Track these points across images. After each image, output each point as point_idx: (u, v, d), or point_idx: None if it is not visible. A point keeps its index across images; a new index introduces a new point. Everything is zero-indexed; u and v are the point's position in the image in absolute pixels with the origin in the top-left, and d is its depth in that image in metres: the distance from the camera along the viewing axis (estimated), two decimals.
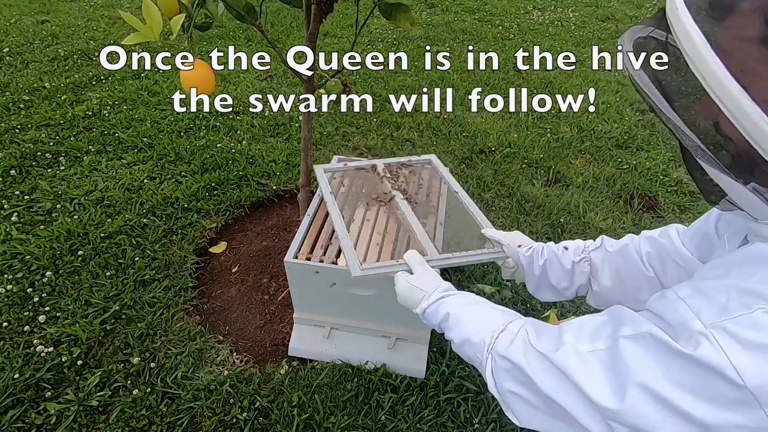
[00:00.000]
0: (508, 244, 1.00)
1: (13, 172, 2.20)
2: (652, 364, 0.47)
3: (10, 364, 1.45)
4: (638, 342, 0.49)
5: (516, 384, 0.63)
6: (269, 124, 2.67)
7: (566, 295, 0.95)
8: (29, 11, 3.96)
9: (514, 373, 0.63)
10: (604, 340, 0.53)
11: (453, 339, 0.77)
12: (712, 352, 0.42)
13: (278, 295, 1.75)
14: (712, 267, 0.55)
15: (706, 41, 0.44)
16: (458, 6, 4.54)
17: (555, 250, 0.94)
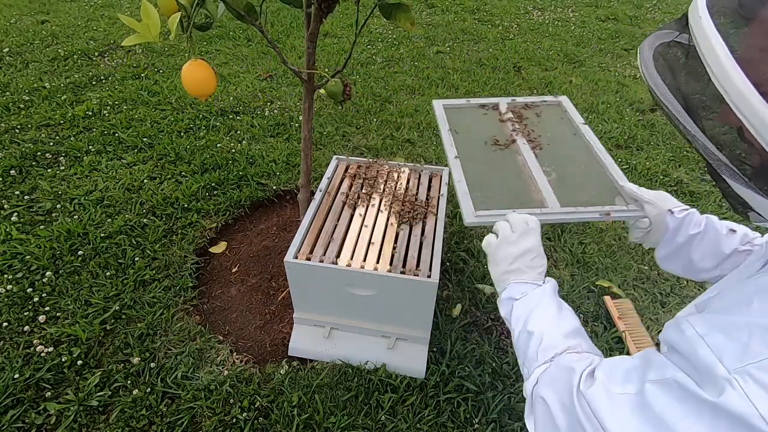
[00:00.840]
0: (654, 204, 0.89)
1: (13, 172, 2.20)
2: (677, 411, 0.45)
3: (10, 364, 1.45)
4: (664, 388, 0.47)
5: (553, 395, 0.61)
6: (269, 124, 2.67)
7: (696, 276, 0.87)
8: (29, 11, 3.96)
9: (558, 386, 0.61)
10: (634, 384, 0.51)
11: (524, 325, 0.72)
12: (738, 399, 0.40)
13: (278, 295, 1.75)
14: (729, 292, 0.52)
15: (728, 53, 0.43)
16: (458, 6, 4.54)
17: (718, 228, 0.83)
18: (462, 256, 1.88)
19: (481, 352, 1.54)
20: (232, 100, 2.86)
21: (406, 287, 1.31)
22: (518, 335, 0.73)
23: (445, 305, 1.69)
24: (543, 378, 0.64)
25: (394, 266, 1.34)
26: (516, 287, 0.78)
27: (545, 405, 0.61)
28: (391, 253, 1.38)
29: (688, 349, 0.47)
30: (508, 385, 1.47)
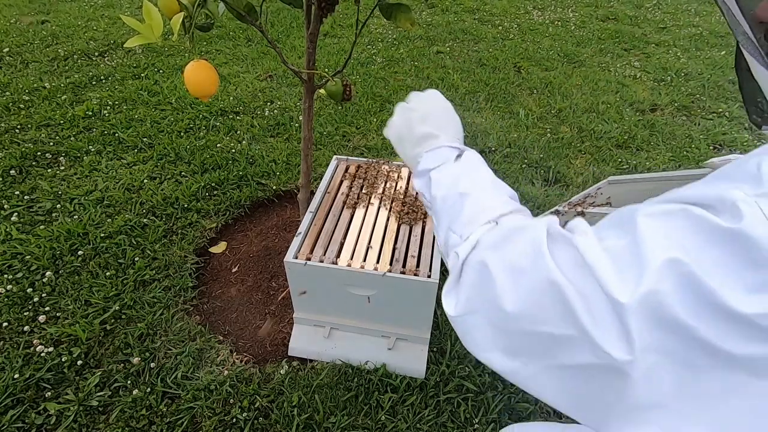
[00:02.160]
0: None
1: (13, 172, 2.20)
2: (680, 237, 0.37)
3: (10, 364, 1.45)
4: (664, 218, 0.38)
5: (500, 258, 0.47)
6: (269, 124, 2.67)
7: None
8: (29, 11, 3.96)
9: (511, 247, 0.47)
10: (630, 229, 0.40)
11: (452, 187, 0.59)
12: (760, 224, 0.33)
13: (278, 295, 1.75)
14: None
15: None
16: (458, 6, 4.54)
17: None
18: None
19: None
20: (232, 100, 2.86)
21: (406, 287, 1.31)
22: (442, 198, 0.59)
23: None
24: (485, 239, 0.51)
25: (394, 266, 1.34)
26: (432, 156, 0.64)
27: (483, 271, 0.48)
28: (391, 253, 1.38)
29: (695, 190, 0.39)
30: (508, 385, 1.47)
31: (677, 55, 3.68)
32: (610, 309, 0.38)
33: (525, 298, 0.44)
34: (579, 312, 0.40)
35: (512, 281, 0.45)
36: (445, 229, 0.56)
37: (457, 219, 0.55)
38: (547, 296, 0.42)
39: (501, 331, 0.46)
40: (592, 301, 0.40)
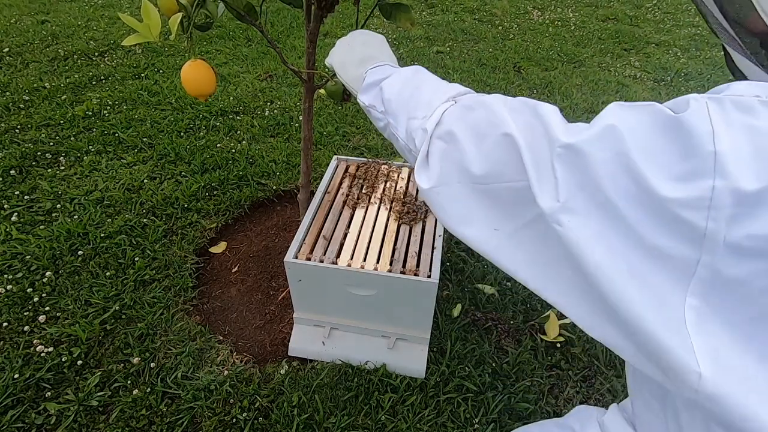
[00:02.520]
0: None
1: (13, 172, 2.20)
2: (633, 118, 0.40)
3: (10, 364, 1.45)
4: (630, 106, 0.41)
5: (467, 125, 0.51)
6: (269, 124, 2.67)
7: None
8: (29, 11, 3.96)
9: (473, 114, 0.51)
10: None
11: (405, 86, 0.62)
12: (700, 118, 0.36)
13: (278, 295, 1.75)
14: None
15: None
16: (458, 6, 4.54)
17: None
18: (462, 256, 1.88)
19: (481, 352, 1.54)
20: (232, 100, 2.86)
21: (406, 287, 1.31)
22: (398, 96, 0.61)
23: (445, 305, 1.69)
24: (449, 113, 0.54)
25: (394, 266, 1.34)
26: (378, 70, 0.67)
27: (451, 140, 0.51)
28: (391, 253, 1.38)
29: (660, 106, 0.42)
30: (508, 385, 1.47)
31: (677, 55, 3.68)
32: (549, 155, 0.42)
33: (488, 157, 0.47)
34: (526, 158, 0.43)
35: (476, 145, 0.48)
36: (405, 121, 0.59)
37: (416, 106, 0.58)
38: (504, 150, 0.45)
39: (472, 195, 0.49)
40: (537, 147, 0.43)
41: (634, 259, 0.38)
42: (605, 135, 0.40)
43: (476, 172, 0.48)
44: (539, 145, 0.43)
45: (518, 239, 0.46)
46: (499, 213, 0.47)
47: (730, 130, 0.34)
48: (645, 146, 0.38)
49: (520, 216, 0.45)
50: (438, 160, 0.52)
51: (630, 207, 0.37)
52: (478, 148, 0.48)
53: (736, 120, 0.35)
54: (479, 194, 0.48)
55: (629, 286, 0.38)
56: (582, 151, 0.40)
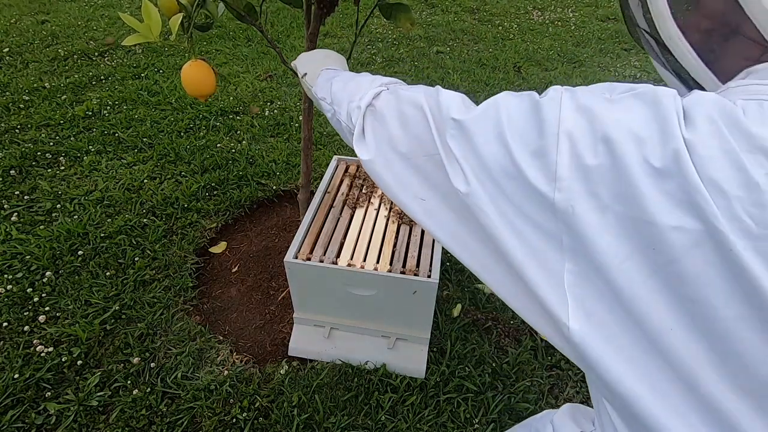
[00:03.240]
0: None
1: (13, 172, 2.20)
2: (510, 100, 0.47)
3: (10, 364, 1.45)
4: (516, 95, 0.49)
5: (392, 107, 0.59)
6: (269, 124, 2.67)
7: None
8: (29, 11, 3.96)
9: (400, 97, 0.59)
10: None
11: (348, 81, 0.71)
12: (551, 103, 0.43)
13: (278, 295, 1.75)
14: None
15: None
16: (458, 6, 4.54)
17: None
18: None
19: (481, 352, 1.54)
20: (232, 100, 2.86)
21: (406, 287, 1.31)
22: (342, 87, 0.70)
23: (445, 305, 1.69)
24: (382, 96, 0.61)
25: (394, 266, 1.34)
26: (331, 71, 0.78)
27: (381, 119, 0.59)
28: (391, 253, 1.38)
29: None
30: (508, 385, 1.47)
31: None
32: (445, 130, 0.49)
33: (409, 133, 0.54)
34: (434, 133, 0.51)
35: (400, 121, 0.56)
36: (346, 105, 0.66)
37: (355, 92, 0.65)
38: (421, 126, 0.53)
39: (401, 167, 0.55)
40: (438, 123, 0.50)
41: (520, 224, 0.43)
42: (487, 113, 0.46)
43: (401, 147, 0.55)
44: (439, 121, 0.50)
45: (441, 208, 0.52)
46: (424, 183, 0.53)
47: (575, 115, 0.40)
48: (516, 125, 0.44)
49: (441, 185, 0.51)
50: (372, 135, 0.59)
51: (506, 179, 0.43)
52: (401, 125, 0.55)
53: (582, 106, 0.41)
54: (406, 166, 0.55)
55: (520, 250, 0.43)
56: (467, 127, 0.47)
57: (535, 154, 0.42)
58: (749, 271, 0.35)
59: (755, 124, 0.36)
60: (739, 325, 0.36)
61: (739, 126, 0.37)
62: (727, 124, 0.37)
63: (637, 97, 0.40)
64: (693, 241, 0.36)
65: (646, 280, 0.38)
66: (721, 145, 0.36)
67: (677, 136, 0.37)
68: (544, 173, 0.41)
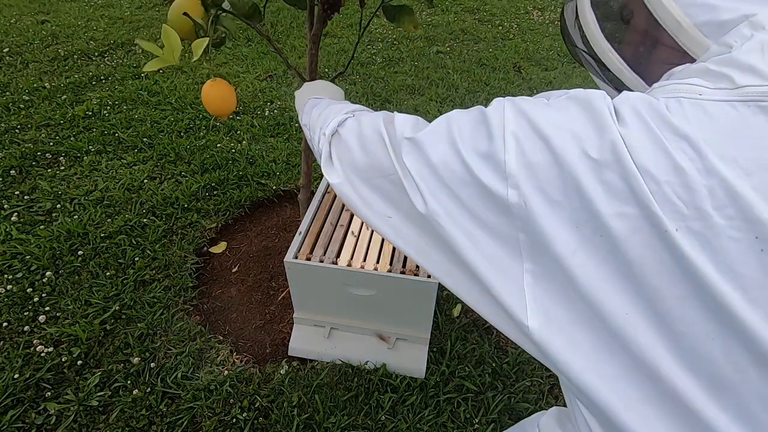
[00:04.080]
0: None
1: (13, 172, 2.20)
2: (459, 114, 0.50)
3: (10, 364, 1.45)
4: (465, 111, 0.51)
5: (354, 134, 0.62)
6: (269, 124, 2.67)
7: None
8: (29, 11, 3.96)
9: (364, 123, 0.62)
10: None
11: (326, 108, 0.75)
12: (495, 112, 0.46)
13: (278, 295, 1.75)
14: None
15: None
16: (458, 6, 4.54)
17: None
18: None
19: (481, 352, 1.54)
20: None
21: (406, 287, 1.31)
22: (317, 115, 0.74)
23: (445, 305, 1.69)
24: (346, 124, 0.65)
25: (394, 266, 1.34)
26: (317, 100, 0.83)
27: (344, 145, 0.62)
28: (391, 253, 1.38)
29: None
30: (508, 385, 1.47)
31: None
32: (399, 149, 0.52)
33: (369, 155, 0.57)
34: (391, 154, 0.53)
35: (360, 146, 0.59)
36: (318, 132, 0.70)
37: (326, 119, 0.69)
38: (379, 148, 0.55)
39: (365, 188, 0.58)
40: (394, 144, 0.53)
41: (477, 233, 0.46)
42: (438, 128, 0.49)
43: (363, 169, 0.58)
44: (395, 142, 0.53)
45: (405, 224, 0.54)
46: (387, 202, 0.56)
47: (517, 118, 0.44)
48: (465, 133, 0.47)
49: (401, 203, 0.53)
50: (338, 160, 0.63)
51: (461, 187, 0.46)
52: (362, 148, 0.59)
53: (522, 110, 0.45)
54: (370, 187, 0.57)
55: (478, 259, 0.46)
56: (420, 142, 0.49)
57: (485, 156, 0.44)
58: (684, 252, 0.37)
59: (676, 117, 0.40)
60: (682, 305, 0.39)
61: (663, 118, 0.40)
62: (653, 117, 0.40)
63: (571, 99, 0.44)
64: (633, 226, 0.39)
65: (597, 267, 0.40)
66: (649, 136, 0.39)
67: (613, 129, 0.40)
68: (495, 173, 0.43)
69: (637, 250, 0.39)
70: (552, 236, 0.41)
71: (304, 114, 0.84)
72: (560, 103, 0.44)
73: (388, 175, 0.54)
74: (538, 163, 0.42)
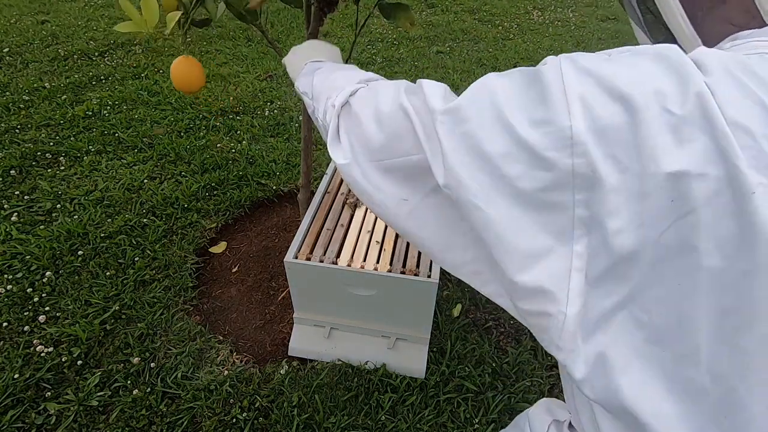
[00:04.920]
0: None
1: (13, 172, 2.20)
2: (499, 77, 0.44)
3: (10, 364, 1.45)
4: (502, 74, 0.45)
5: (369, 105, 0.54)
6: (269, 124, 2.67)
7: None
8: (29, 11, 3.96)
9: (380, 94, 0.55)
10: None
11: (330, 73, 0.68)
12: (552, 71, 0.40)
13: (278, 295, 1.75)
14: None
15: None
16: (458, 6, 4.54)
17: None
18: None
19: (481, 352, 1.54)
20: (232, 100, 2.86)
21: (406, 287, 1.31)
22: (322, 81, 0.67)
23: (445, 305, 1.69)
24: (358, 94, 0.58)
25: (394, 266, 1.34)
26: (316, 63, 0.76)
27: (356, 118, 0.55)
28: (391, 253, 1.38)
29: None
30: (508, 385, 1.47)
31: None
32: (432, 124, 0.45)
33: (387, 133, 0.51)
34: (419, 132, 0.47)
35: (376, 121, 0.52)
36: (324, 102, 0.62)
37: (333, 88, 0.61)
38: (400, 124, 0.49)
39: (377, 171, 0.52)
40: (424, 120, 0.47)
41: (518, 213, 0.40)
42: (478, 95, 0.44)
43: (377, 146, 0.51)
44: (425, 116, 0.47)
45: (425, 207, 0.49)
46: (405, 185, 0.50)
47: (580, 77, 0.38)
48: (513, 100, 0.41)
49: (421, 187, 0.48)
50: (345, 136, 0.56)
51: (507, 162, 0.40)
52: (378, 124, 0.52)
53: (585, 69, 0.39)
54: (382, 170, 0.52)
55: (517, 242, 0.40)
56: (456, 114, 0.44)
57: (541, 123, 0.39)
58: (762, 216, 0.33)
59: (764, 70, 0.36)
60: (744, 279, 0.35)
61: (752, 71, 0.36)
62: (742, 70, 0.36)
63: (639, 54, 0.39)
64: (714, 189, 0.34)
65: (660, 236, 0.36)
66: (740, 88, 0.35)
67: (698, 80, 0.35)
68: (556, 142, 0.38)
69: (710, 215, 0.34)
70: (617, 208, 0.36)
71: (302, 79, 0.75)
72: (627, 59, 0.39)
73: (408, 155, 0.48)
74: (611, 126, 0.36)
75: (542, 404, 0.69)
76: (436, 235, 0.49)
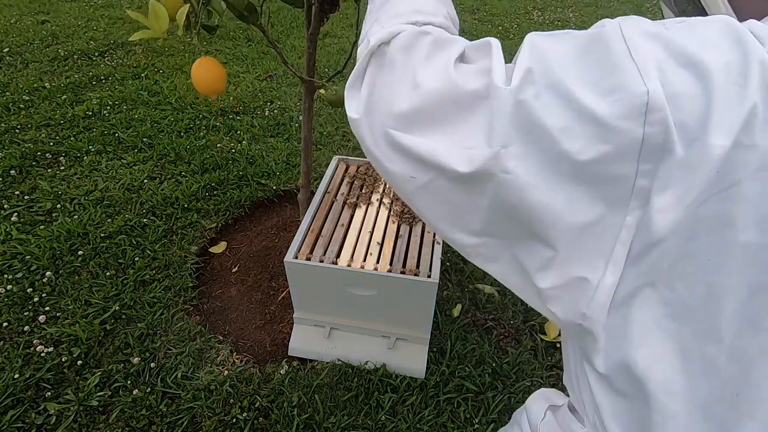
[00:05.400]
0: None
1: (13, 172, 2.20)
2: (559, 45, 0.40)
3: (10, 364, 1.45)
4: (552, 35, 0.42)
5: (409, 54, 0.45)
6: (269, 124, 2.67)
7: None
8: (29, 11, 3.96)
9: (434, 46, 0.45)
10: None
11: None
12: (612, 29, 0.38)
13: (278, 295, 1.75)
14: None
15: None
16: (458, 6, 4.54)
17: None
18: (462, 255, 1.88)
19: (481, 352, 1.54)
20: (232, 100, 2.86)
21: (406, 287, 1.31)
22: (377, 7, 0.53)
23: (445, 305, 1.69)
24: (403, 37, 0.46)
25: (394, 266, 1.34)
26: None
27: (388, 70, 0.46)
28: (391, 253, 1.38)
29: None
30: (508, 385, 1.47)
31: None
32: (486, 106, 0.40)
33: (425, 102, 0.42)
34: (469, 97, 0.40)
35: (412, 86, 0.43)
36: (372, 20, 0.52)
37: (387, 12, 0.51)
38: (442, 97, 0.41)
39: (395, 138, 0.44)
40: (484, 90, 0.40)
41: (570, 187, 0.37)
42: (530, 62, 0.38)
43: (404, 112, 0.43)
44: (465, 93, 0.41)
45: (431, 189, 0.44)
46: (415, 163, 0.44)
47: (647, 42, 0.36)
48: (571, 69, 0.37)
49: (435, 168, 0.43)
50: (368, 86, 0.47)
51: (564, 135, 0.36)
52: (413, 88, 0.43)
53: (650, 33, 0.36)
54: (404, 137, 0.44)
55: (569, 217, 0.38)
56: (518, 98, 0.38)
57: (610, 92, 0.35)
58: None
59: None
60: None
61: None
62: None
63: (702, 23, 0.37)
64: (762, 162, 0.33)
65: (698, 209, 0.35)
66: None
67: (759, 49, 0.34)
68: (627, 110, 0.34)
69: (753, 188, 0.33)
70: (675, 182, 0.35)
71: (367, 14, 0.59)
72: (690, 28, 0.36)
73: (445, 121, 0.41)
74: (684, 93, 0.34)
75: (538, 393, 0.69)
76: (444, 213, 0.45)
